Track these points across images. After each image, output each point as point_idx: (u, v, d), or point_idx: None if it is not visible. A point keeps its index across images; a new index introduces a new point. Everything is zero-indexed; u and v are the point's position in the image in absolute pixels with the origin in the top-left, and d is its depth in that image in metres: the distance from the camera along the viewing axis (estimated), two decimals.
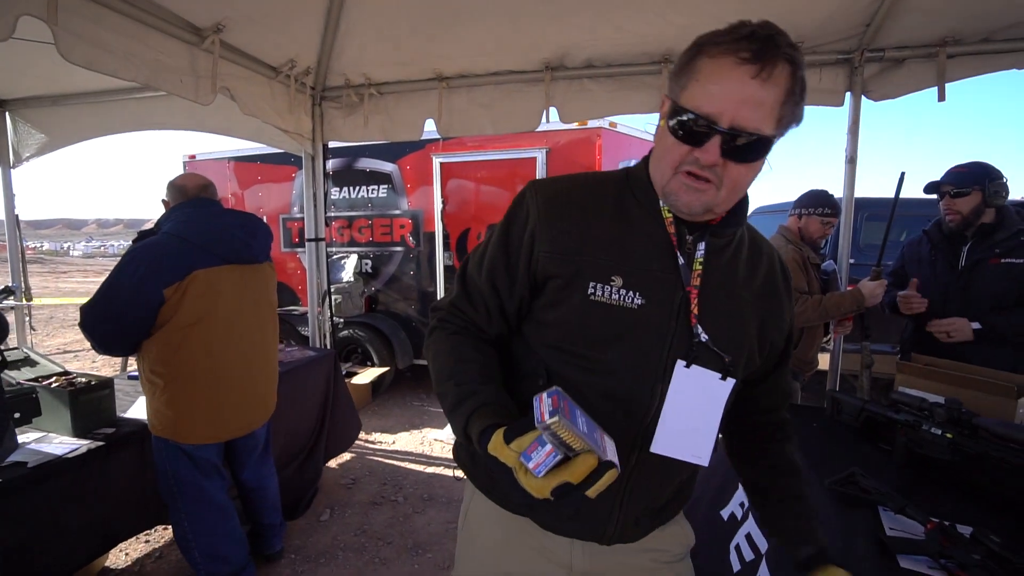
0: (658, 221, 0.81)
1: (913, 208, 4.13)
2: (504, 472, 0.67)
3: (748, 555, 1.67)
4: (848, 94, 2.47)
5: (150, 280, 1.69)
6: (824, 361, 2.71)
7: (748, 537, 1.72)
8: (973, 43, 2.23)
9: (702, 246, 0.80)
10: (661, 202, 0.81)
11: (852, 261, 2.64)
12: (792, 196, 3.41)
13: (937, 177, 2.17)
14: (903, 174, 2.28)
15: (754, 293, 0.86)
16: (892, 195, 2.19)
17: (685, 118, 0.71)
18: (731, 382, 0.81)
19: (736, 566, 1.72)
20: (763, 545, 1.61)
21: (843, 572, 0.81)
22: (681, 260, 0.80)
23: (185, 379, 1.80)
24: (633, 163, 0.90)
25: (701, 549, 2.14)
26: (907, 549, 1.04)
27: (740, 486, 1.95)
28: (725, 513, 1.99)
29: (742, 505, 1.92)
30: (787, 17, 2.29)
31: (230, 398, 1.92)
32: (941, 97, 2.32)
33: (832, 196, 2.48)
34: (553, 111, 2.79)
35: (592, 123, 4.09)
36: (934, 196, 2.18)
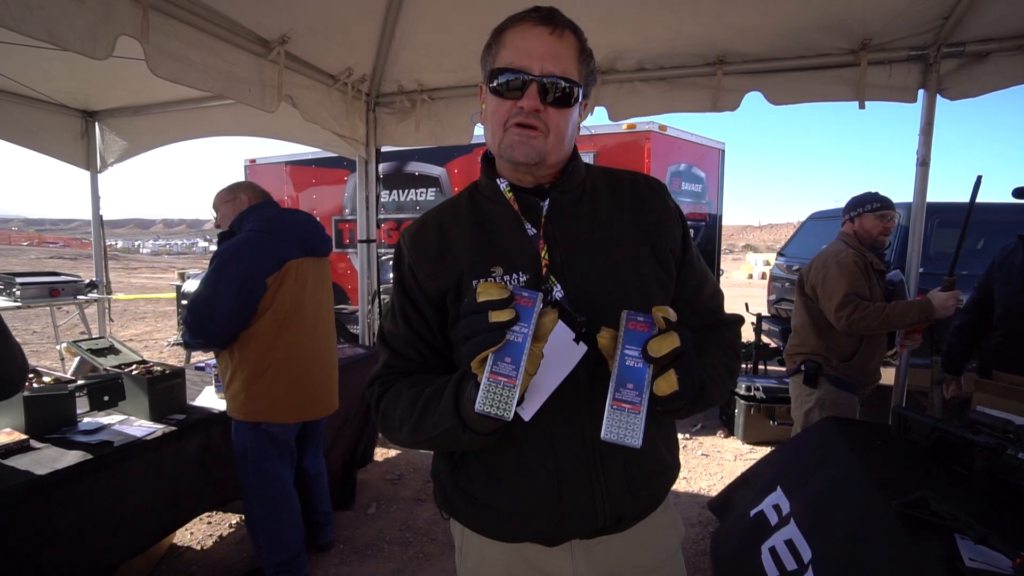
0: (506, 204, 0.88)
1: (991, 214, 3.85)
2: None
3: (789, 563, 1.62)
4: (921, 92, 2.33)
5: (254, 271, 1.88)
6: (887, 376, 2.56)
7: (789, 543, 1.66)
8: None
9: (547, 203, 0.87)
10: (502, 184, 0.88)
11: (921, 270, 2.48)
12: None
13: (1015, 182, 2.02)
14: (980, 177, 2.14)
15: (629, 224, 0.90)
16: (964, 199, 2.06)
17: (503, 75, 0.81)
18: (582, 349, 0.77)
19: (773, 571, 1.67)
20: (807, 554, 1.55)
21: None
22: (528, 227, 0.87)
23: (284, 362, 1.97)
24: (683, 167, 0.91)
25: (725, 543, 2.09)
26: None
27: (778, 488, 1.90)
28: (754, 511, 1.95)
29: (776, 508, 1.86)
30: (854, 14, 2.19)
31: (314, 381, 2.09)
32: None
33: (879, 192, 2.39)
34: (601, 111, 2.78)
35: (641, 126, 4.04)
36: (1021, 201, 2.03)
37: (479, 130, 3.10)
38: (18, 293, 3.49)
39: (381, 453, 3.52)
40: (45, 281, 3.68)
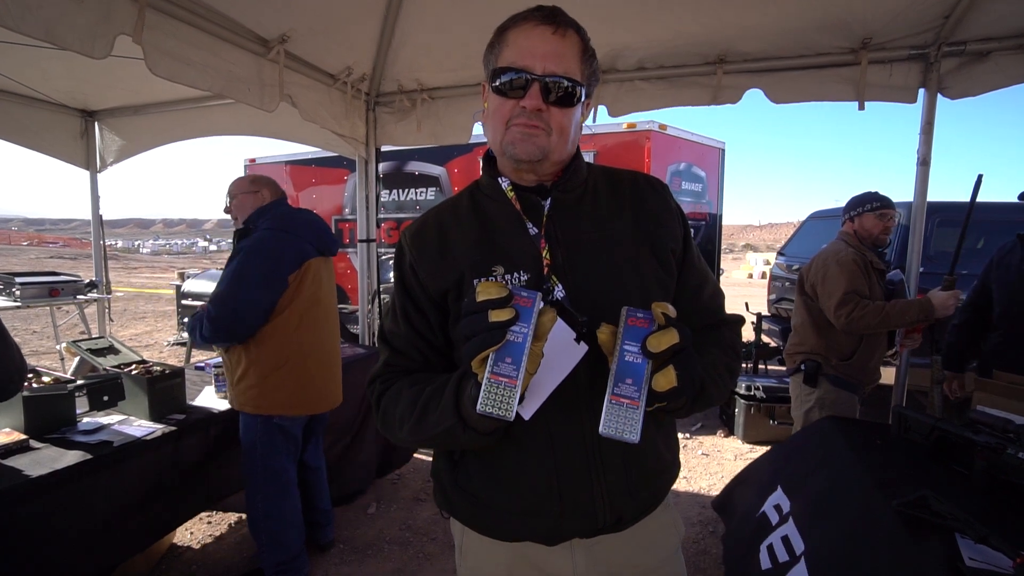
0: (507, 203, 0.88)
1: (991, 213, 3.85)
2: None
3: (782, 556, 1.62)
4: (922, 91, 2.33)
5: (275, 269, 1.93)
6: (887, 376, 2.56)
7: (785, 539, 1.67)
8: None
9: (548, 202, 0.87)
10: (504, 183, 0.88)
11: (922, 270, 2.48)
12: None
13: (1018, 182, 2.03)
14: (980, 176, 2.14)
15: (629, 223, 0.90)
16: (964, 199, 2.06)
17: (506, 75, 0.81)
18: (583, 349, 0.76)
19: (766, 564, 1.68)
20: (800, 547, 1.55)
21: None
22: (530, 226, 0.86)
23: (298, 357, 2.02)
24: (683, 166, 0.90)
25: (730, 542, 2.10)
26: None
27: (778, 487, 1.90)
28: (758, 512, 1.95)
29: (777, 508, 1.87)
30: (854, 13, 2.19)
31: (322, 375, 2.14)
32: None
33: (878, 192, 2.39)
34: (601, 108, 2.77)
35: (641, 125, 4.03)
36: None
37: (479, 129, 3.10)
38: (18, 293, 3.49)
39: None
40: (45, 281, 3.68)
